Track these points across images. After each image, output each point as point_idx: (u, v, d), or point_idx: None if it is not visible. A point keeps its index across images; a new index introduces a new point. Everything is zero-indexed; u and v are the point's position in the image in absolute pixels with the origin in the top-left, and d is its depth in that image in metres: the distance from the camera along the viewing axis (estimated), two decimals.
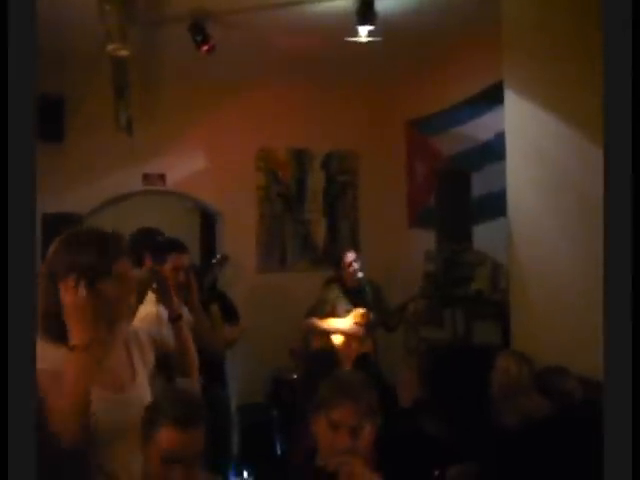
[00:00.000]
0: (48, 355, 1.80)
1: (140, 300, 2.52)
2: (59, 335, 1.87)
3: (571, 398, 3.30)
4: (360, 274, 4.99)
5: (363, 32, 4.13)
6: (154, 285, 2.46)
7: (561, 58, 3.79)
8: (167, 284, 2.46)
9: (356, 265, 5.01)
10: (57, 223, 4.50)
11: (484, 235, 4.77)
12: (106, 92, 5.14)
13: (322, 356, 4.36)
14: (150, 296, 2.66)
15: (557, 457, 3.08)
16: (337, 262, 5.19)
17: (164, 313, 2.48)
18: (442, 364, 4.72)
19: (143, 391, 2.02)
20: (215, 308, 3.99)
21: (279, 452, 4.88)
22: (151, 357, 2.15)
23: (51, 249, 1.96)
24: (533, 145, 4.02)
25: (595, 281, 3.65)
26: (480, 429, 3.67)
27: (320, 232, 6.49)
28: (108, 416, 1.86)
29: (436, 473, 3.61)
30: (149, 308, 2.70)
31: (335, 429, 1.95)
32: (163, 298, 2.45)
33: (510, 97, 4.18)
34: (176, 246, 3.19)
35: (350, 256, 5.07)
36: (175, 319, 2.40)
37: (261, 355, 5.70)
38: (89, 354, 1.84)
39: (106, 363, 1.95)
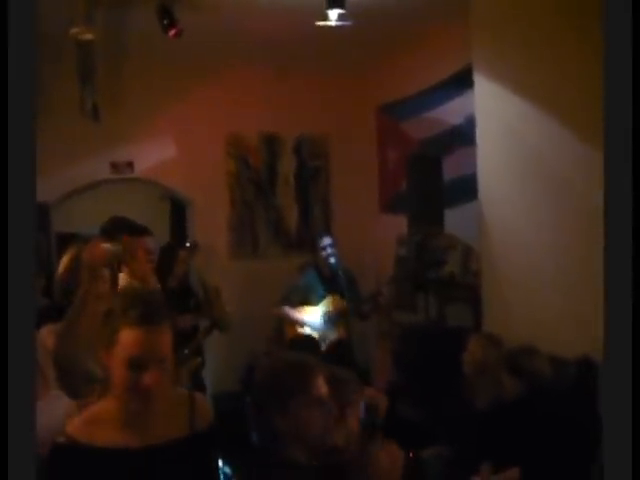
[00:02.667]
0: None
1: (114, 283, 2.46)
2: None
3: (541, 377, 3.34)
4: (333, 259, 4.98)
5: (333, 16, 4.09)
6: (126, 257, 2.39)
7: (531, 41, 3.80)
8: (140, 256, 2.43)
9: (330, 250, 5.00)
10: None
11: (455, 219, 4.79)
12: (71, 77, 5.03)
13: (303, 343, 4.37)
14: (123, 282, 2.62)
15: (528, 435, 3.13)
16: (312, 247, 5.18)
17: None
18: (415, 348, 4.76)
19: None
20: None
21: (254, 439, 4.87)
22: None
23: None
24: (503, 128, 4.04)
25: (565, 263, 3.70)
26: (453, 411, 3.71)
27: (292, 217, 6.47)
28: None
29: (410, 455, 3.64)
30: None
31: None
32: (136, 271, 2.41)
33: (480, 81, 4.19)
34: (145, 231, 3.15)
35: (325, 241, 5.05)
36: None
37: (235, 342, 5.66)
38: None
39: None
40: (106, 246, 2.35)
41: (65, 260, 2.55)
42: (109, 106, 5.35)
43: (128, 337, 1.61)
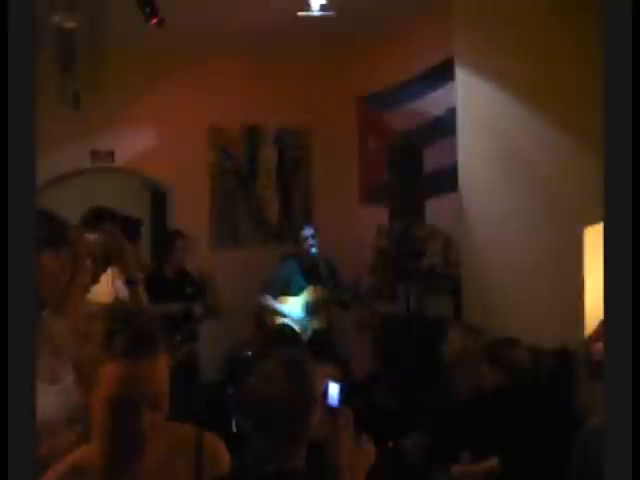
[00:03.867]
0: None
1: (96, 276, 2.45)
2: None
3: (520, 368, 3.39)
4: (314, 249, 5.00)
5: (315, 6, 4.09)
6: (110, 249, 2.35)
7: (511, 35, 3.84)
8: (123, 246, 2.37)
9: (312, 241, 5.01)
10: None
11: (436, 210, 4.83)
12: (51, 65, 4.97)
13: (282, 333, 4.39)
14: (107, 276, 2.61)
15: (507, 425, 3.18)
16: (294, 237, 5.19)
17: (120, 290, 2.43)
18: (395, 337, 4.80)
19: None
20: None
21: (234, 429, 4.89)
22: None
23: None
24: (484, 120, 4.08)
25: (545, 253, 3.75)
26: (433, 400, 3.75)
27: (273, 208, 6.47)
28: (48, 408, 1.79)
29: (390, 444, 3.69)
30: (105, 287, 2.64)
31: None
32: (120, 260, 2.37)
33: (461, 73, 4.22)
34: (127, 220, 3.15)
35: (308, 231, 5.07)
36: (132, 282, 2.35)
37: (215, 331, 5.66)
38: None
39: (40, 354, 1.84)
40: (91, 236, 2.34)
41: None
42: (90, 95, 5.30)
43: (112, 372, 1.30)
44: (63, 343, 1.96)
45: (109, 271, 2.62)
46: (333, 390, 1.81)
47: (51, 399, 1.81)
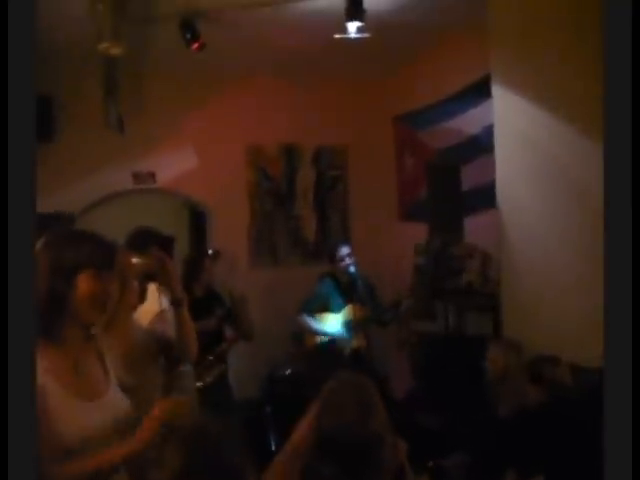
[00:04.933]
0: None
1: (142, 295, 2.52)
2: (55, 334, 1.86)
3: (563, 386, 3.35)
4: (352, 268, 5.02)
5: (352, 28, 4.14)
6: (156, 270, 2.42)
7: (548, 51, 3.84)
8: (169, 268, 2.44)
9: (349, 260, 5.03)
10: (49, 223, 4.50)
11: (474, 227, 4.81)
12: (96, 90, 5.14)
13: (324, 351, 4.39)
14: (152, 293, 2.67)
15: (550, 444, 3.14)
16: (331, 257, 5.21)
17: (166, 308, 2.49)
18: (434, 356, 4.77)
19: (118, 396, 1.98)
20: None
21: (273, 448, 4.91)
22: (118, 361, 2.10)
23: (44, 247, 1.89)
24: (521, 137, 4.06)
25: (586, 270, 3.71)
26: (474, 419, 3.72)
27: (311, 227, 6.52)
28: (83, 425, 1.83)
29: (430, 464, 3.66)
30: (151, 305, 2.71)
31: None
32: (166, 282, 2.44)
33: (498, 90, 4.22)
34: (171, 241, 3.21)
35: (344, 250, 5.09)
36: (177, 303, 2.41)
37: (254, 351, 5.70)
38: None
39: (82, 368, 1.91)
40: (137, 260, 2.40)
41: None
42: (132, 118, 5.46)
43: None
44: (110, 361, 2.03)
45: (151, 287, 2.69)
46: None
47: (89, 415, 1.84)
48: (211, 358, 4.33)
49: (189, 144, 6.11)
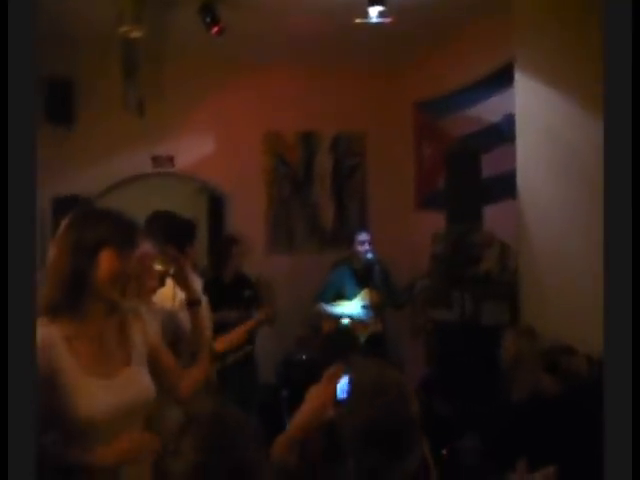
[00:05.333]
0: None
1: (162, 279, 2.53)
2: (77, 309, 1.89)
3: (578, 377, 3.34)
4: (370, 255, 5.02)
5: (373, 13, 4.12)
6: (172, 271, 2.42)
7: (573, 39, 3.79)
8: (185, 271, 2.44)
9: (367, 246, 5.03)
10: (68, 206, 4.52)
11: (493, 216, 4.79)
12: (115, 74, 5.15)
13: (341, 336, 4.40)
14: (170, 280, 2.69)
15: (564, 433, 3.13)
16: (349, 241, 5.22)
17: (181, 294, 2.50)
18: (450, 343, 4.77)
19: (138, 376, 1.99)
20: None
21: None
22: (153, 333, 2.12)
23: (67, 226, 1.93)
24: (544, 126, 4.03)
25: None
26: (488, 405, 3.71)
27: (328, 214, 6.52)
28: (96, 403, 1.85)
29: (443, 452, 3.67)
30: (169, 290, 2.71)
31: None
32: (181, 282, 2.43)
33: (521, 78, 4.18)
34: (192, 236, 3.20)
35: (363, 236, 5.10)
36: (192, 304, 2.40)
37: (270, 336, 5.73)
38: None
39: (103, 344, 1.94)
40: (158, 267, 2.40)
41: None
42: (152, 102, 5.46)
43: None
44: (139, 336, 2.05)
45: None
46: (343, 383, 1.80)
47: (97, 393, 1.86)
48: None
49: (208, 129, 6.11)
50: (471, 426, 3.74)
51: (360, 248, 5.05)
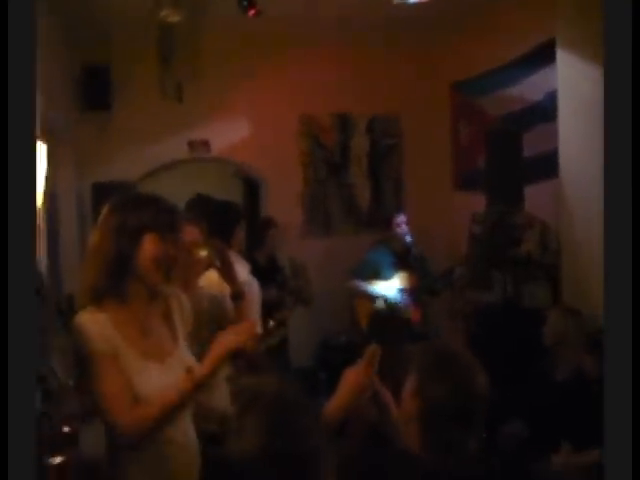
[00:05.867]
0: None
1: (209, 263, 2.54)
2: (121, 293, 1.90)
3: None
4: (409, 237, 4.99)
5: None
6: (217, 263, 2.42)
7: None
8: (230, 263, 2.44)
9: (405, 228, 5.01)
10: (108, 192, 4.57)
11: (534, 196, 4.71)
12: (152, 58, 5.17)
13: (386, 320, 4.39)
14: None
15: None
16: (387, 222, 5.20)
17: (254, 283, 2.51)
18: (491, 326, 4.73)
19: (186, 357, 2.00)
20: None
21: None
22: (191, 320, 2.13)
23: (110, 211, 1.95)
24: (586, 104, 3.94)
25: None
26: (530, 388, 3.68)
27: (364, 196, 6.49)
28: (150, 387, 1.86)
29: (484, 435, 3.65)
30: (213, 273, 2.73)
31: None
32: (225, 277, 2.44)
33: (563, 56, 4.09)
34: (237, 220, 3.20)
35: (401, 218, 5.07)
36: (236, 297, 2.41)
37: (308, 319, 5.75)
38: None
39: (148, 328, 1.95)
40: (203, 253, 2.41)
41: None
42: (187, 87, 5.49)
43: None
44: (182, 322, 2.06)
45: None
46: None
47: (151, 376, 1.88)
48: (272, 323, 4.41)
49: (242, 113, 6.11)
50: (513, 409, 3.72)
51: (398, 229, 5.03)
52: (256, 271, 4.76)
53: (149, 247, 1.89)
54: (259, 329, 2.50)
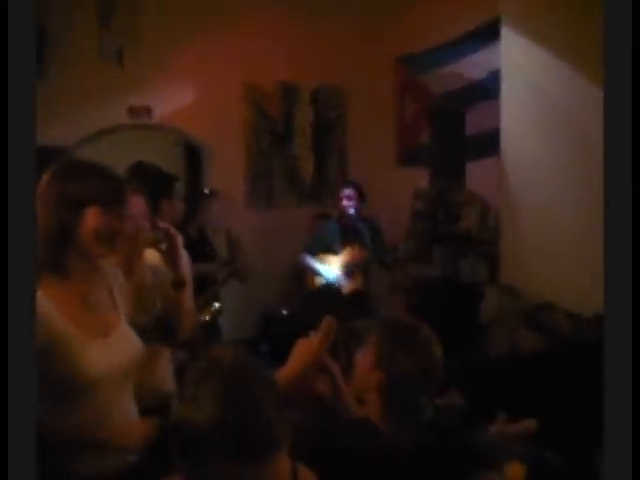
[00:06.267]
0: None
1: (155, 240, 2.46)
2: (61, 267, 1.83)
3: (559, 333, 3.40)
4: (352, 210, 4.99)
5: None
6: (162, 247, 2.30)
7: None
8: (177, 250, 2.33)
9: (349, 201, 5.00)
10: (42, 156, 4.39)
11: (476, 174, 4.79)
12: (90, 22, 4.98)
13: (324, 292, 4.40)
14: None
15: (544, 388, 3.20)
16: (328, 196, 5.18)
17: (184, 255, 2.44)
18: (430, 300, 4.81)
19: (128, 333, 1.96)
20: None
21: None
22: (130, 298, 2.07)
23: (49, 180, 1.85)
24: (529, 83, 4.00)
25: (585, 220, 3.72)
26: (467, 361, 3.77)
27: (308, 168, 6.45)
28: (97, 363, 1.81)
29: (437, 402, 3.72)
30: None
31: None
32: (169, 262, 2.33)
33: (507, 34, 4.14)
34: (169, 191, 3.12)
35: (347, 191, 5.06)
36: (179, 284, 2.32)
37: (249, 290, 5.72)
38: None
39: (92, 302, 1.89)
40: (149, 236, 2.33)
41: None
42: (127, 51, 5.32)
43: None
44: (120, 295, 2.01)
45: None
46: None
47: (95, 352, 1.82)
48: (202, 299, 4.35)
49: (186, 79, 5.95)
50: (450, 381, 3.80)
51: (342, 203, 5.03)
52: (187, 243, 4.72)
53: (92, 220, 1.82)
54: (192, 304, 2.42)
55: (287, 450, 1.28)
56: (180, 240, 2.35)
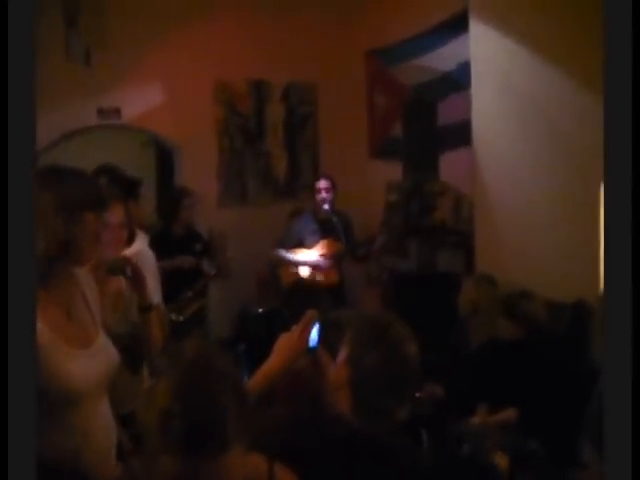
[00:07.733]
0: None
1: (129, 241, 2.43)
2: (42, 276, 1.76)
3: (537, 321, 3.42)
4: (327, 205, 4.98)
5: None
6: (128, 273, 2.22)
7: None
8: (141, 274, 2.25)
9: (325, 194, 4.99)
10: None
11: (449, 165, 4.81)
12: (57, 21, 4.90)
13: (299, 288, 4.39)
14: (139, 239, 2.61)
15: (523, 377, 3.22)
16: (302, 192, 5.18)
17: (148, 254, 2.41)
18: (406, 292, 4.83)
19: (107, 344, 1.93)
20: None
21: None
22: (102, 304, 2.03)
23: (42, 187, 1.76)
24: (500, 74, 4.03)
25: (558, 208, 3.75)
26: (446, 353, 3.79)
27: (281, 165, 6.43)
28: (81, 374, 1.78)
29: (417, 395, 3.73)
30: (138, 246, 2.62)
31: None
32: (135, 288, 2.26)
33: (475, 25, 4.15)
34: (135, 193, 3.11)
35: (322, 184, 5.05)
36: (145, 309, 2.24)
37: (225, 289, 5.69)
38: None
39: (73, 312, 1.86)
40: (113, 264, 2.25)
41: None
42: (96, 51, 5.24)
43: None
44: (95, 305, 1.97)
45: (140, 234, 2.62)
46: (313, 331, 1.81)
47: (78, 364, 1.79)
48: (190, 293, 4.34)
49: (155, 79, 5.88)
50: (429, 373, 3.81)
51: (317, 197, 5.02)
52: (173, 242, 4.73)
53: (91, 224, 1.79)
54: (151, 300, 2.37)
55: (244, 449, 1.25)
56: (142, 271, 2.28)
